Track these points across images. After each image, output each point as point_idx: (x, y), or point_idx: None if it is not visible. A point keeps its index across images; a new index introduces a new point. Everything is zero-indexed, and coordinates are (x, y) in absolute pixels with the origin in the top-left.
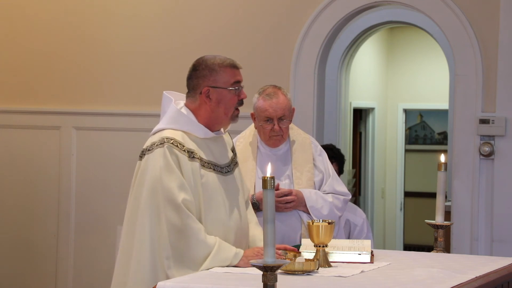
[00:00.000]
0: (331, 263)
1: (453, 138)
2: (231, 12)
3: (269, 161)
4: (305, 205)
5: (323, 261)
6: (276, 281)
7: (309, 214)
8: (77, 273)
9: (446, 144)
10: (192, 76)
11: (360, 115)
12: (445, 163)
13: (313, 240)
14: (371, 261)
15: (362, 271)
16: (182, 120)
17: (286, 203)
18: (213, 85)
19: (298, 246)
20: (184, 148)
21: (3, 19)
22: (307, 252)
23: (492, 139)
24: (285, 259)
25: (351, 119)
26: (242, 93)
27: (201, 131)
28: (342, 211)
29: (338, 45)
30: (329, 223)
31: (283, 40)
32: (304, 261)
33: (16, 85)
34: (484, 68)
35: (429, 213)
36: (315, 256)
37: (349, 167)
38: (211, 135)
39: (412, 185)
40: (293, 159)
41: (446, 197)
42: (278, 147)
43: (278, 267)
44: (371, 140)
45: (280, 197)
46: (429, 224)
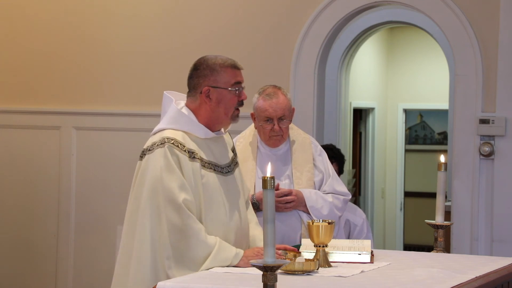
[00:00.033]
0: (331, 263)
1: (453, 138)
2: (231, 12)
3: (269, 161)
4: (305, 205)
5: (323, 261)
6: (276, 281)
7: (309, 214)
8: (77, 273)
9: (446, 144)
10: (193, 76)
11: (360, 115)
12: (445, 163)
13: (313, 240)
14: (371, 261)
15: (362, 271)
16: (183, 120)
17: (286, 203)
18: (213, 85)
19: (298, 246)
20: (185, 148)
21: (3, 19)
22: (307, 252)
23: (492, 139)
24: (285, 259)
25: (351, 119)
26: (243, 94)
27: (202, 131)
28: (342, 211)
29: (338, 45)
30: (329, 223)
31: (283, 40)
32: (304, 261)
33: (16, 85)
34: (484, 68)
35: (429, 213)
36: (315, 256)
37: (349, 167)
38: (211, 135)
39: (412, 185)
40: (293, 159)
41: (446, 197)
42: (278, 147)
43: (278, 267)
44: (371, 140)
45: (280, 197)
46: (429, 224)
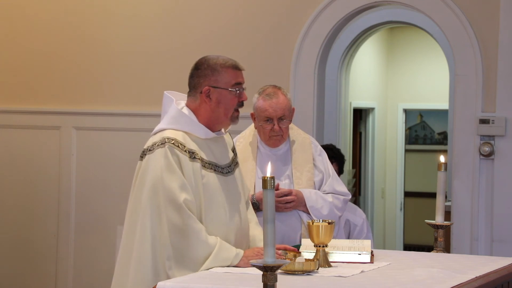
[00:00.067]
0: (331, 263)
1: (453, 138)
2: (231, 12)
3: (269, 161)
4: (305, 205)
5: (323, 261)
6: (276, 281)
7: (309, 214)
8: (77, 273)
9: (446, 144)
10: (194, 75)
11: (360, 115)
12: (445, 163)
13: (313, 240)
14: (371, 261)
15: (362, 271)
16: (183, 120)
17: (286, 203)
18: (214, 85)
19: (298, 246)
20: (185, 148)
21: (3, 19)
22: (307, 252)
23: (492, 139)
24: (285, 259)
25: (351, 119)
26: (243, 95)
27: (202, 131)
28: (342, 211)
29: (338, 45)
30: (329, 223)
31: (283, 40)
32: (304, 261)
33: (16, 85)
34: (484, 68)
35: (429, 213)
36: (315, 256)
37: (349, 167)
38: (212, 135)
39: (412, 185)
40: (293, 159)
41: (446, 197)
42: (278, 147)
43: (278, 267)
44: (371, 140)
45: (280, 197)
46: (429, 224)
